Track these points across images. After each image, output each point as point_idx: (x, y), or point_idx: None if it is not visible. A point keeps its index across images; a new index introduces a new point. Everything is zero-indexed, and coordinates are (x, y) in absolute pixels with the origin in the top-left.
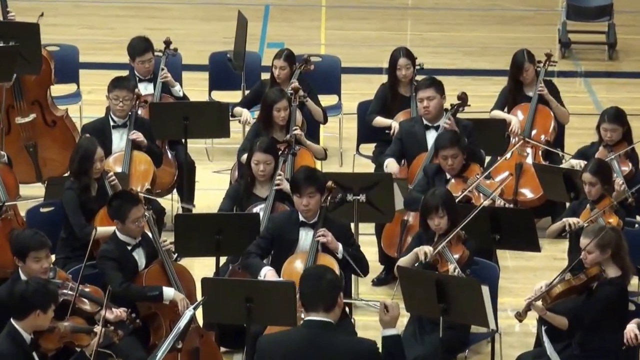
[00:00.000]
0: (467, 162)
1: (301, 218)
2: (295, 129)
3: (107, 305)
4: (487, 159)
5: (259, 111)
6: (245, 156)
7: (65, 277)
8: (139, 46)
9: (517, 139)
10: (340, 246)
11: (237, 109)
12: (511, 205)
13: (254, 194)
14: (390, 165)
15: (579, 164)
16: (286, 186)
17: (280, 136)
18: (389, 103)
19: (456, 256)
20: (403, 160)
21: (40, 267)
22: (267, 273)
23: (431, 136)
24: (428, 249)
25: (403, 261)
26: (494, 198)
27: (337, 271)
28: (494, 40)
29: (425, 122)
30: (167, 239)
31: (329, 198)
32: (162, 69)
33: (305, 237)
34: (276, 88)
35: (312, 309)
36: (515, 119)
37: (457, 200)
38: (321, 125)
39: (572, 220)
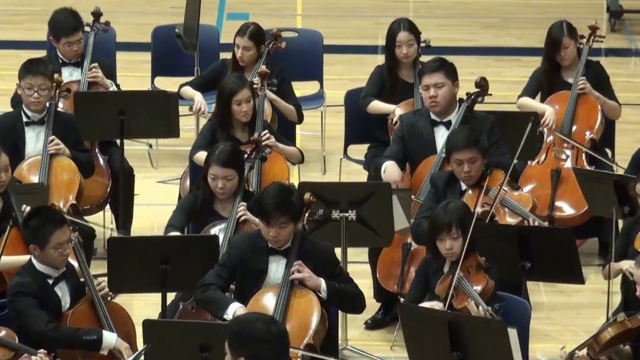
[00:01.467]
0: (488, 167)
1: (270, 244)
2: (265, 134)
3: (21, 350)
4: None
5: (215, 105)
6: (200, 155)
7: None
8: (67, 23)
9: (553, 137)
10: (322, 283)
11: (188, 90)
12: (546, 224)
13: (213, 211)
14: (390, 170)
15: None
16: (251, 216)
17: (243, 136)
18: (387, 90)
19: (477, 288)
20: (405, 166)
21: None
22: (237, 311)
23: (440, 134)
24: (438, 306)
25: None
26: (524, 214)
27: (319, 309)
28: (522, 9)
29: (432, 116)
30: (105, 284)
31: (306, 215)
32: (91, 68)
33: (277, 267)
34: (234, 75)
35: None
36: (551, 109)
37: (475, 217)
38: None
39: (632, 266)
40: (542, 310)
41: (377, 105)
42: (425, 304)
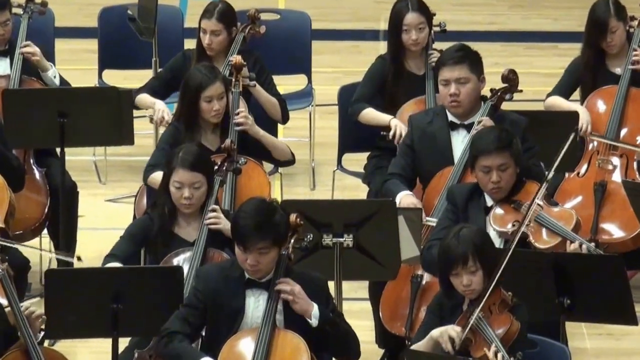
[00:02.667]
0: (521, 179)
1: (248, 275)
2: (240, 115)
3: None
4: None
5: (178, 103)
6: (157, 176)
7: None
8: None
9: (595, 142)
10: (314, 307)
11: (144, 98)
12: (592, 245)
13: (175, 235)
14: (404, 201)
15: None
16: (226, 225)
17: (213, 141)
18: (389, 86)
19: (499, 331)
20: (415, 183)
21: None
22: None
23: (460, 140)
24: (454, 331)
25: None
26: (565, 234)
27: (308, 357)
28: None
29: (450, 117)
30: (35, 308)
31: (292, 241)
32: (25, 45)
33: (256, 303)
34: (204, 65)
35: None
36: (584, 111)
37: (503, 239)
38: (280, 125)
39: None
40: (585, 357)
41: (370, 116)
42: (436, 331)
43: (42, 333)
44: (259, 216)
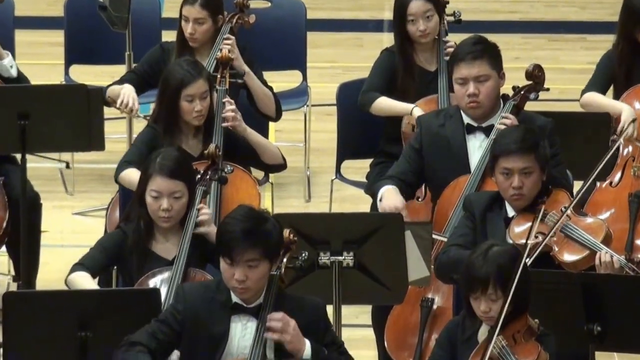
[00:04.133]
0: (547, 186)
1: (235, 298)
2: (228, 109)
3: None
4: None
5: (156, 102)
6: (131, 174)
7: None
8: None
9: (632, 147)
10: (306, 345)
11: (113, 87)
12: (622, 257)
13: (151, 253)
14: (387, 197)
15: None
16: (213, 232)
17: (194, 146)
18: (399, 82)
19: None
20: (424, 190)
21: None
22: None
23: (477, 145)
24: None
25: None
26: (593, 245)
27: None
28: None
29: (466, 118)
30: None
31: (284, 260)
32: None
33: (243, 331)
34: (186, 59)
35: None
36: (629, 110)
37: (526, 254)
38: (271, 125)
39: None
40: None
41: (385, 104)
42: None
43: None
44: (248, 223)
